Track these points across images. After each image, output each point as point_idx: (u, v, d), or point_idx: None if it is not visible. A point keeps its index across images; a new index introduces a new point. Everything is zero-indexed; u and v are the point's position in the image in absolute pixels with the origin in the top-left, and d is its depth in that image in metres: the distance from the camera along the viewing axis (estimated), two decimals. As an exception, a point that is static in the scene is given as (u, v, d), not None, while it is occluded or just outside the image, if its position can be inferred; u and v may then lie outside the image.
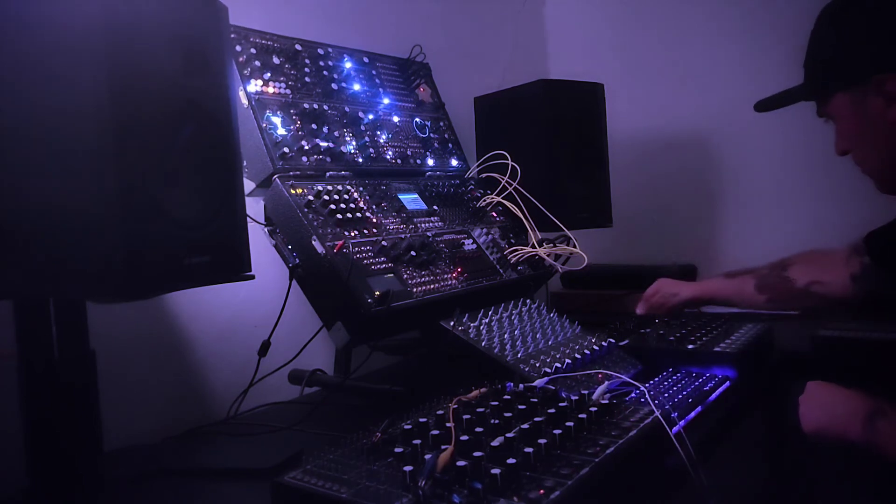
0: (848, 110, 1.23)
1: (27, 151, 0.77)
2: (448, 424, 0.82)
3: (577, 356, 1.19)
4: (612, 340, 1.31)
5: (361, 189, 1.36)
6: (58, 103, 0.77)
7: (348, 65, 1.55)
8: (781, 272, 1.53)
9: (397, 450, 0.77)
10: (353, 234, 1.25)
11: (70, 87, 0.76)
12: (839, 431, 1.06)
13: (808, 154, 2.06)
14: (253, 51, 1.35)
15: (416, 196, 1.48)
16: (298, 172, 1.29)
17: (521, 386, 1.00)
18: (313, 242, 1.19)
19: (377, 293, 1.16)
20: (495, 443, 0.77)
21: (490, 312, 1.31)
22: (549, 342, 1.26)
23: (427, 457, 0.73)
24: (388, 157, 1.52)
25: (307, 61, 1.46)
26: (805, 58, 1.30)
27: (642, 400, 1.00)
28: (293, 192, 1.24)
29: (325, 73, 1.48)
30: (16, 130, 0.77)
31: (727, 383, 1.18)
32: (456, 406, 0.89)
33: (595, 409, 0.89)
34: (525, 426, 0.82)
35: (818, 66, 1.28)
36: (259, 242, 1.18)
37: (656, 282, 1.68)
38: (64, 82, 0.76)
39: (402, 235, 1.33)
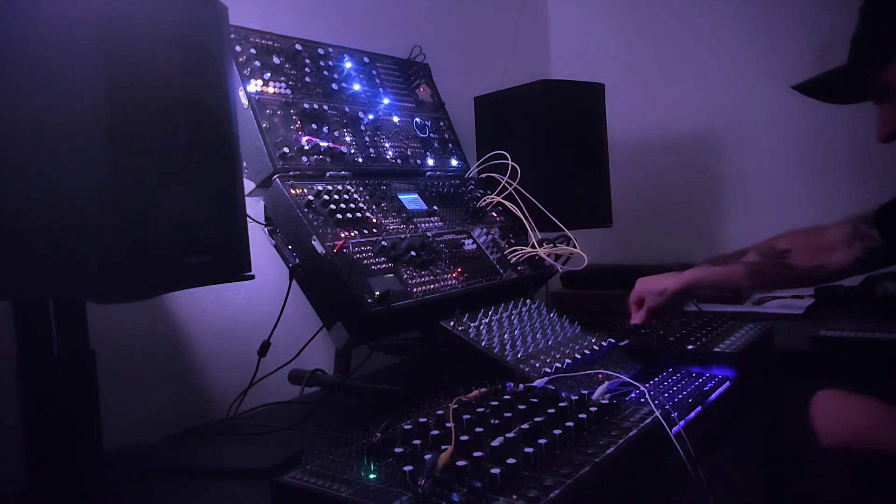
0: None
1: (26, 151, 0.77)
2: (448, 424, 0.82)
3: (577, 356, 1.19)
4: (612, 340, 1.31)
5: (361, 189, 1.36)
6: (55, 103, 0.76)
7: (348, 65, 1.55)
8: (780, 260, 1.41)
9: (397, 450, 0.77)
10: (353, 234, 1.25)
11: (68, 87, 0.76)
12: (867, 445, 0.97)
13: (809, 154, 2.06)
14: (253, 51, 1.35)
15: (416, 196, 1.48)
16: (298, 172, 1.29)
17: (521, 386, 1.00)
18: (313, 242, 1.19)
19: (377, 293, 1.16)
20: (495, 443, 0.77)
21: (490, 312, 1.31)
22: (549, 342, 1.26)
23: (427, 457, 0.73)
24: (388, 157, 1.52)
25: (307, 61, 1.45)
26: (854, 33, 1.16)
27: (642, 400, 1.00)
28: (293, 192, 1.24)
29: (325, 73, 1.48)
30: (14, 130, 0.77)
31: (727, 383, 1.18)
32: (456, 406, 0.89)
33: (595, 409, 0.89)
34: (525, 426, 0.82)
35: (870, 35, 1.14)
36: (259, 242, 1.18)
37: (636, 284, 1.50)
38: (62, 82, 0.76)
39: (402, 235, 1.33)
